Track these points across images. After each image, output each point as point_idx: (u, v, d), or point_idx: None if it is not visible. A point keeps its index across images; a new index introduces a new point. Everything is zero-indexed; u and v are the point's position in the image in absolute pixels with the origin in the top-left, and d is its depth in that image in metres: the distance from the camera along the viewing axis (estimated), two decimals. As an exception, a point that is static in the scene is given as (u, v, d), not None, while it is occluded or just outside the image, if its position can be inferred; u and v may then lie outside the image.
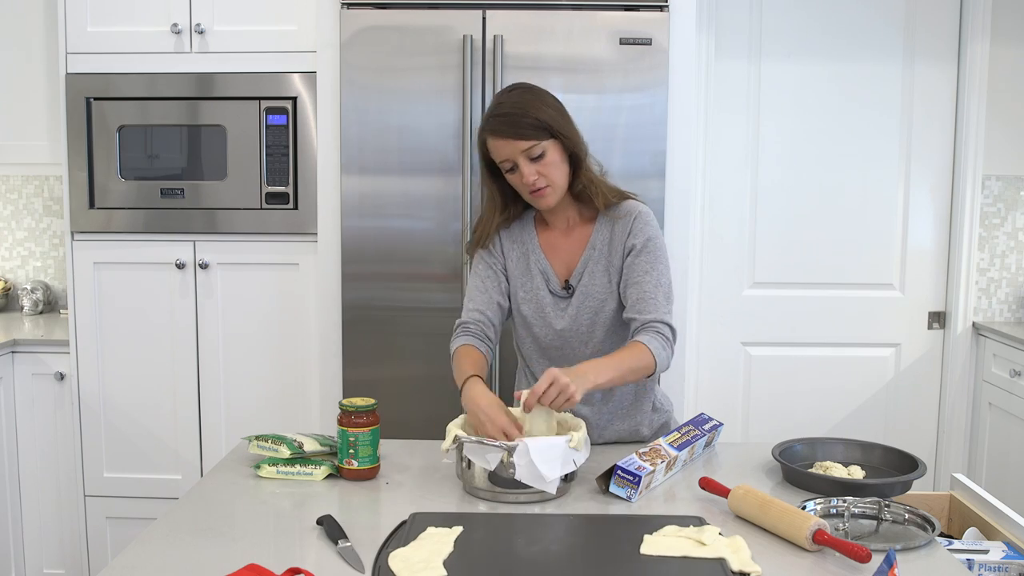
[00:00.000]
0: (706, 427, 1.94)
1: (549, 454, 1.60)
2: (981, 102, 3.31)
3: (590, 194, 1.94)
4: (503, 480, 1.62)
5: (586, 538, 1.46)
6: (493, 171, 1.95)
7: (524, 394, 1.68)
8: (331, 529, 1.48)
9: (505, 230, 2.02)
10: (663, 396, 2.13)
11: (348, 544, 1.42)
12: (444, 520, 1.48)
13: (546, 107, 1.87)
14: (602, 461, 1.79)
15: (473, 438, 1.64)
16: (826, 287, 3.43)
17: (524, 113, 1.84)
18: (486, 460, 1.62)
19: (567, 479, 1.67)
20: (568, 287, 1.97)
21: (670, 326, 1.87)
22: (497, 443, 1.61)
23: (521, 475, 1.59)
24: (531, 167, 1.85)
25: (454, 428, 1.69)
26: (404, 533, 1.45)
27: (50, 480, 3.05)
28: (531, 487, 1.61)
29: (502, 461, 1.60)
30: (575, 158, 1.91)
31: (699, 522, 1.50)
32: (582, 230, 1.99)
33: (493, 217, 1.99)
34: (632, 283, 1.91)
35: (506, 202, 1.99)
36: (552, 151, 1.86)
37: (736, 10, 3.34)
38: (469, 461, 1.64)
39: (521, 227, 2.03)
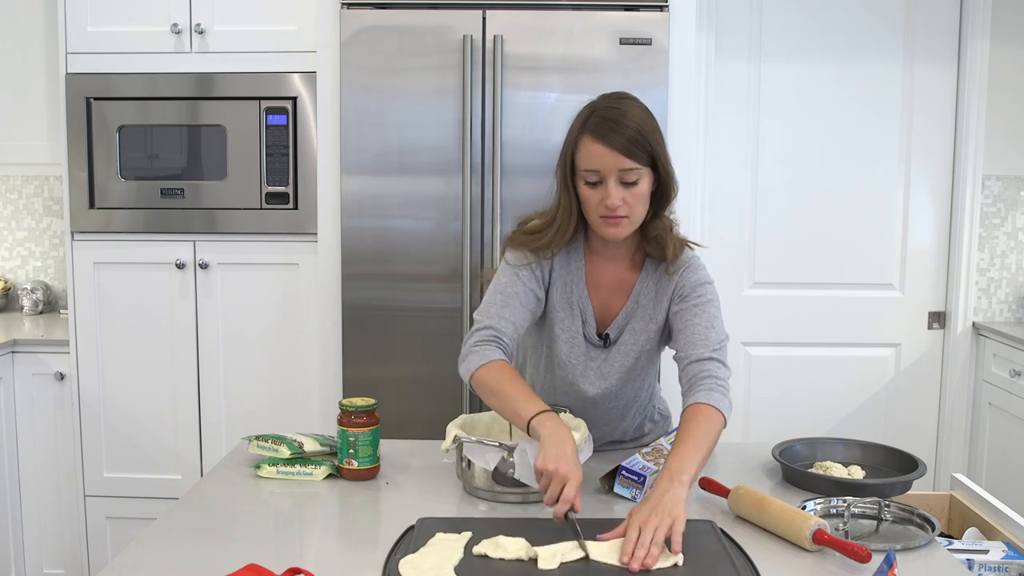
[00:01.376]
0: None
1: None
2: (981, 102, 3.31)
3: (663, 243, 1.74)
4: (503, 480, 1.62)
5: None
6: (574, 176, 1.71)
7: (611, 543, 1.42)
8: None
9: (562, 260, 1.79)
10: (662, 397, 2.13)
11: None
12: (452, 525, 1.47)
13: (654, 129, 1.67)
14: (603, 461, 1.79)
15: (473, 438, 1.64)
16: (826, 287, 3.43)
17: (633, 125, 1.63)
18: (486, 460, 1.62)
19: None
20: (605, 338, 1.81)
21: (723, 364, 1.68)
22: (497, 443, 1.61)
23: (521, 475, 1.59)
24: (619, 191, 1.64)
25: (454, 428, 1.69)
26: (412, 539, 1.44)
27: (50, 480, 3.05)
28: (531, 487, 1.61)
29: (502, 460, 1.60)
30: (663, 196, 1.72)
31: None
32: (629, 275, 1.80)
33: (567, 229, 1.73)
34: (680, 329, 1.73)
35: (577, 215, 1.74)
36: (645, 181, 1.66)
37: (736, 10, 3.34)
38: (469, 461, 1.64)
39: (570, 252, 1.80)
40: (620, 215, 1.67)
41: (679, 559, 1.35)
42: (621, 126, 1.63)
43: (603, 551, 1.38)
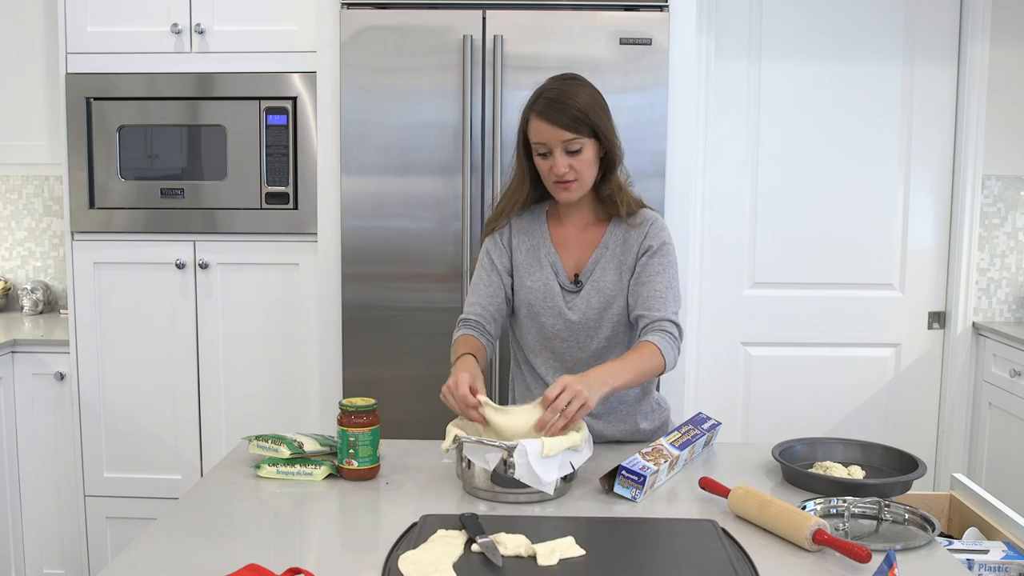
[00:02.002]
0: (705, 426, 1.94)
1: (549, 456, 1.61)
2: (981, 102, 3.31)
3: (616, 200, 1.96)
4: (503, 480, 1.62)
5: (596, 540, 1.45)
6: (528, 150, 1.96)
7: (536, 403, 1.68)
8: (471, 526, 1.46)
9: (516, 220, 2.04)
10: (661, 396, 2.14)
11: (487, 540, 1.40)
12: (454, 522, 1.48)
13: (596, 106, 1.90)
14: (603, 461, 1.79)
15: (473, 438, 1.64)
16: (826, 287, 3.43)
17: (575, 105, 1.86)
18: (486, 460, 1.62)
19: (567, 479, 1.67)
20: (578, 281, 1.98)
21: (678, 325, 1.90)
22: (497, 443, 1.61)
23: (520, 475, 1.59)
24: (565, 159, 1.87)
25: (454, 428, 1.69)
26: (414, 535, 1.44)
27: (50, 480, 3.05)
28: (530, 487, 1.61)
29: (502, 461, 1.60)
30: (609, 162, 1.94)
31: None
32: (595, 230, 2.01)
33: (519, 194, 2.01)
34: (643, 282, 1.93)
35: (530, 183, 2.01)
36: (589, 149, 1.89)
37: (736, 10, 3.34)
38: (469, 461, 1.64)
39: (532, 219, 2.04)
40: (569, 179, 1.90)
41: (578, 441, 1.63)
42: (563, 105, 1.86)
43: (512, 428, 1.65)
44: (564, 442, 1.62)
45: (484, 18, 2.66)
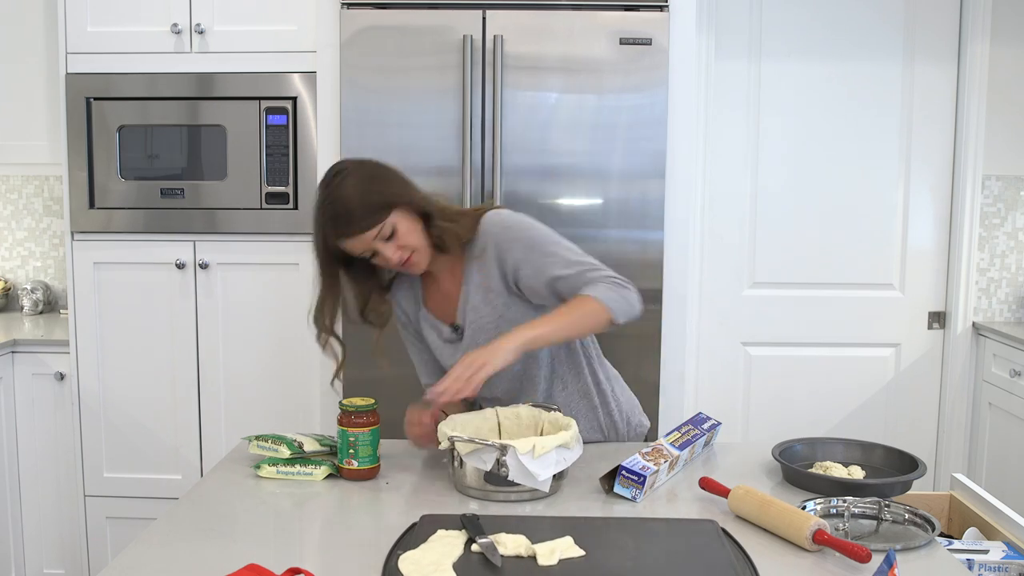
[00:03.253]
0: (705, 426, 1.94)
1: (542, 455, 1.61)
2: (981, 102, 3.31)
3: (451, 235, 1.87)
4: (495, 478, 1.62)
5: (596, 540, 1.45)
6: (335, 258, 1.85)
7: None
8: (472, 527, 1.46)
9: (402, 294, 2.00)
10: (630, 406, 2.08)
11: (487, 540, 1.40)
12: (454, 522, 1.48)
13: (374, 185, 1.81)
14: (604, 460, 1.79)
15: (465, 437, 1.64)
16: (826, 287, 3.43)
17: (359, 204, 1.77)
18: (480, 460, 1.62)
19: (559, 477, 1.67)
20: (457, 328, 1.94)
21: (612, 274, 1.82)
22: (490, 442, 1.61)
23: (515, 476, 1.59)
24: (389, 246, 1.81)
25: (446, 428, 1.69)
26: (414, 535, 1.45)
27: (50, 480, 3.05)
28: (523, 486, 1.61)
29: (497, 460, 1.60)
30: (424, 213, 1.86)
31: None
32: (456, 269, 1.94)
33: (333, 306, 1.90)
34: (549, 282, 1.84)
35: (363, 281, 1.92)
36: (402, 220, 1.81)
37: (736, 10, 3.34)
38: (461, 460, 1.64)
39: (410, 287, 2.01)
40: (406, 258, 1.84)
41: (568, 439, 1.64)
42: (345, 215, 1.77)
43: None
44: (554, 440, 1.62)
45: (484, 18, 2.66)
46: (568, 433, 1.66)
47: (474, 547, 1.39)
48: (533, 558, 1.35)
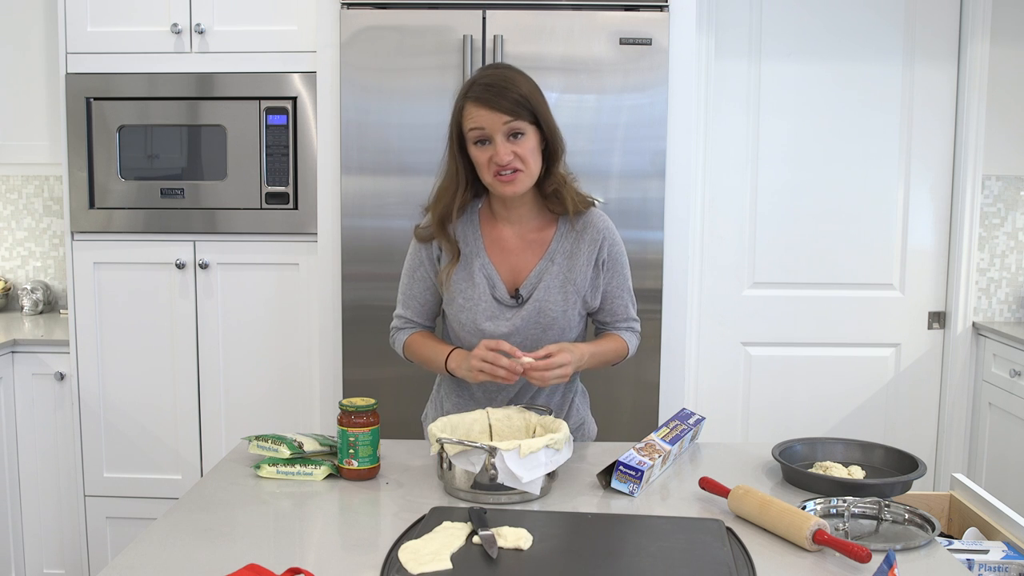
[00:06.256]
0: (691, 421, 1.96)
1: (529, 457, 1.61)
2: (981, 102, 3.32)
3: (561, 196, 1.82)
4: (483, 481, 1.61)
5: (594, 534, 1.46)
6: (461, 144, 1.80)
7: (526, 360, 1.74)
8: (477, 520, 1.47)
9: (462, 228, 1.89)
10: (589, 421, 2.10)
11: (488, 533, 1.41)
12: (461, 515, 1.49)
13: (536, 92, 1.79)
14: (604, 456, 1.79)
15: (454, 439, 1.64)
16: (826, 287, 3.43)
17: (515, 88, 1.74)
18: (469, 462, 1.61)
19: (549, 477, 1.67)
20: (518, 295, 1.87)
21: (638, 321, 2.01)
22: (478, 444, 1.60)
23: (503, 478, 1.59)
24: (507, 146, 1.74)
25: (435, 431, 1.69)
26: (421, 526, 1.46)
27: (50, 480, 3.05)
28: (511, 488, 1.61)
29: (485, 463, 1.60)
30: (551, 153, 1.80)
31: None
32: (538, 236, 1.87)
33: (455, 196, 1.83)
34: (609, 296, 1.94)
35: (465, 181, 1.83)
36: (532, 137, 1.76)
37: (736, 10, 3.34)
38: (450, 463, 1.64)
39: (464, 223, 1.88)
40: (514, 168, 1.75)
41: (558, 440, 1.64)
42: (501, 89, 1.73)
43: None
44: (542, 442, 1.62)
45: (484, 18, 2.66)
46: (558, 435, 1.66)
47: (475, 539, 1.40)
48: (532, 553, 1.36)
